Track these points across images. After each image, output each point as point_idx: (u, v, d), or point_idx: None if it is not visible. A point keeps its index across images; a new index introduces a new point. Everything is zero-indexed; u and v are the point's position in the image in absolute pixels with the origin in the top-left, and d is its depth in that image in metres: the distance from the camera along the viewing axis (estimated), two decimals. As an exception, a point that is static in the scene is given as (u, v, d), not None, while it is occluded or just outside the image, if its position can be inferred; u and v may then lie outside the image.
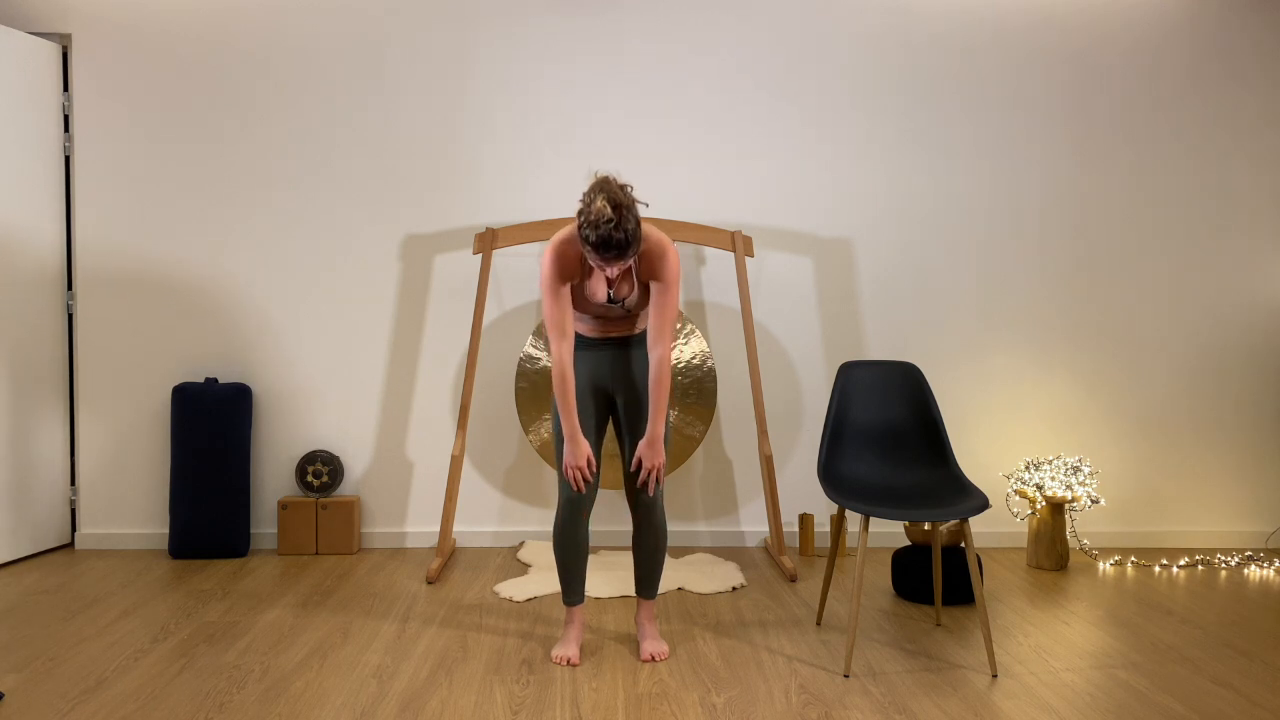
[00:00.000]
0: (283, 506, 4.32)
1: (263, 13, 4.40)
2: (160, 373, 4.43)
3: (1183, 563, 4.29)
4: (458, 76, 4.45)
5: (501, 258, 4.48)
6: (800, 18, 4.49)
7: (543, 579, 3.92)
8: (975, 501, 3.02)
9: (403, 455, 4.50)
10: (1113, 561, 4.31)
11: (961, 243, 4.55)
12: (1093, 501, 4.18)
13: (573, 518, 3.04)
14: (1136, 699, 2.82)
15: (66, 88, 4.41)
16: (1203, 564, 4.29)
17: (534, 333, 4.26)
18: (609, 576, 3.96)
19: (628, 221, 2.76)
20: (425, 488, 4.51)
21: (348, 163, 4.44)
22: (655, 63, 4.48)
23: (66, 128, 4.41)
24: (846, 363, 3.44)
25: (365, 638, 3.28)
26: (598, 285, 2.99)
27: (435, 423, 4.50)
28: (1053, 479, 4.16)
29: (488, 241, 4.14)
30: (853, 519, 4.80)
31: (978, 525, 4.55)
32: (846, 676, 2.96)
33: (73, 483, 4.47)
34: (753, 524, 4.56)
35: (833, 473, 3.29)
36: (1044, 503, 4.16)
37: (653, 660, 3.08)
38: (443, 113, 4.45)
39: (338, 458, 4.41)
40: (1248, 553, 4.48)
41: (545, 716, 2.66)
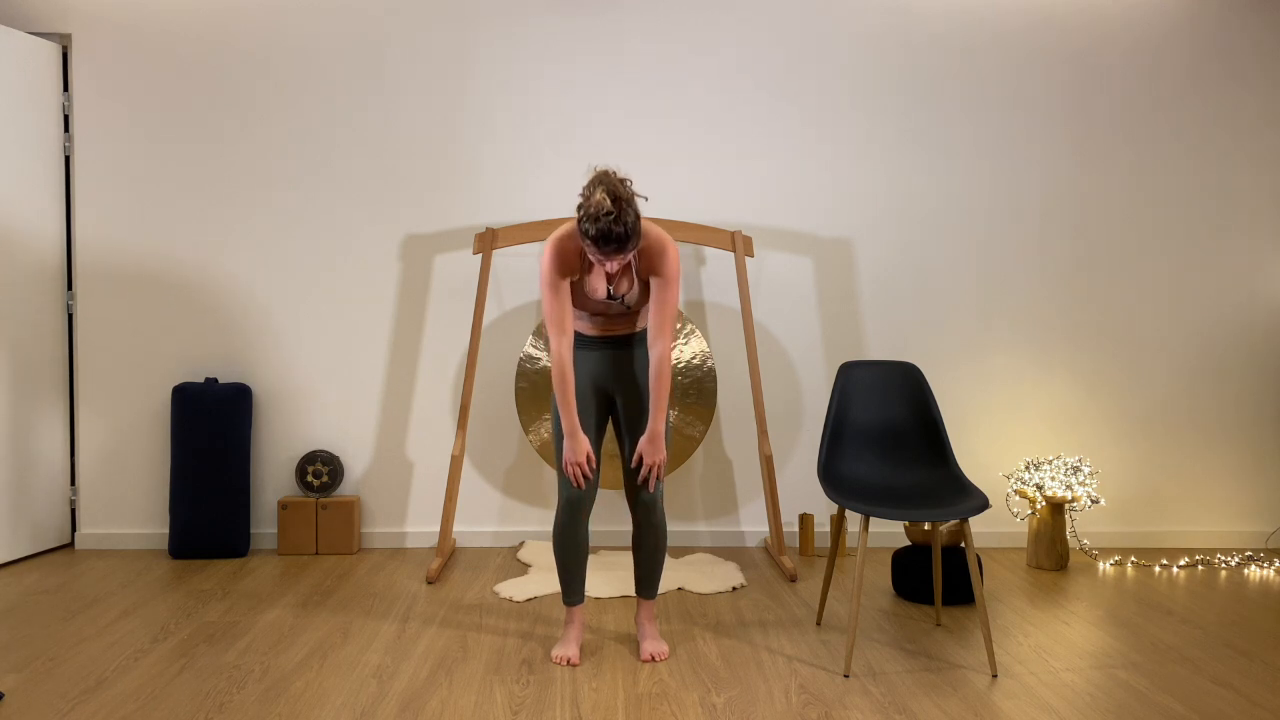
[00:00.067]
0: (283, 506, 4.32)
1: (263, 13, 4.40)
2: (160, 373, 4.43)
3: (1183, 563, 4.29)
4: (458, 76, 4.45)
5: (501, 258, 4.48)
6: (800, 18, 4.49)
7: (543, 579, 3.92)
8: (975, 501, 3.02)
9: (403, 455, 4.50)
10: (1113, 561, 4.31)
11: (961, 243, 4.55)
12: (1093, 501, 4.18)
13: (573, 518, 3.04)
14: (1136, 699, 2.82)
15: (66, 88, 4.41)
16: (1203, 564, 4.29)
17: (534, 333, 4.26)
18: (609, 576, 3.96)
19: (627, 215, 2.75)
20: (425, 488, 4.51)
21: (348, 163, 4.44)
22: (655, 63, 4.48)
23: (66, 128, 4.41)
24: (846, 363, 3.44)
25: (365, 638, 3.28)
26: (598, 281, 2.98)
27: (435, 423, 4.50)
28: (1053, 479, 4.16)
29: (488, 241, 4.14)
30: (853, 519, 4.80)
31: (978, 525, 4.55)
32: (846, 676, 2.96)
33: (73, 482, 4.47)
34: (753, 524, 4.56)
35: (833, 473, 3.29)
36: (1044, 503, 4.16)
37: (653, 660, 3.07)
38: (443, 113, 4.45)
39: (338, 458, 4.42)
40: (1248, 553, 4.48)
41: (545, 716, 2.66)
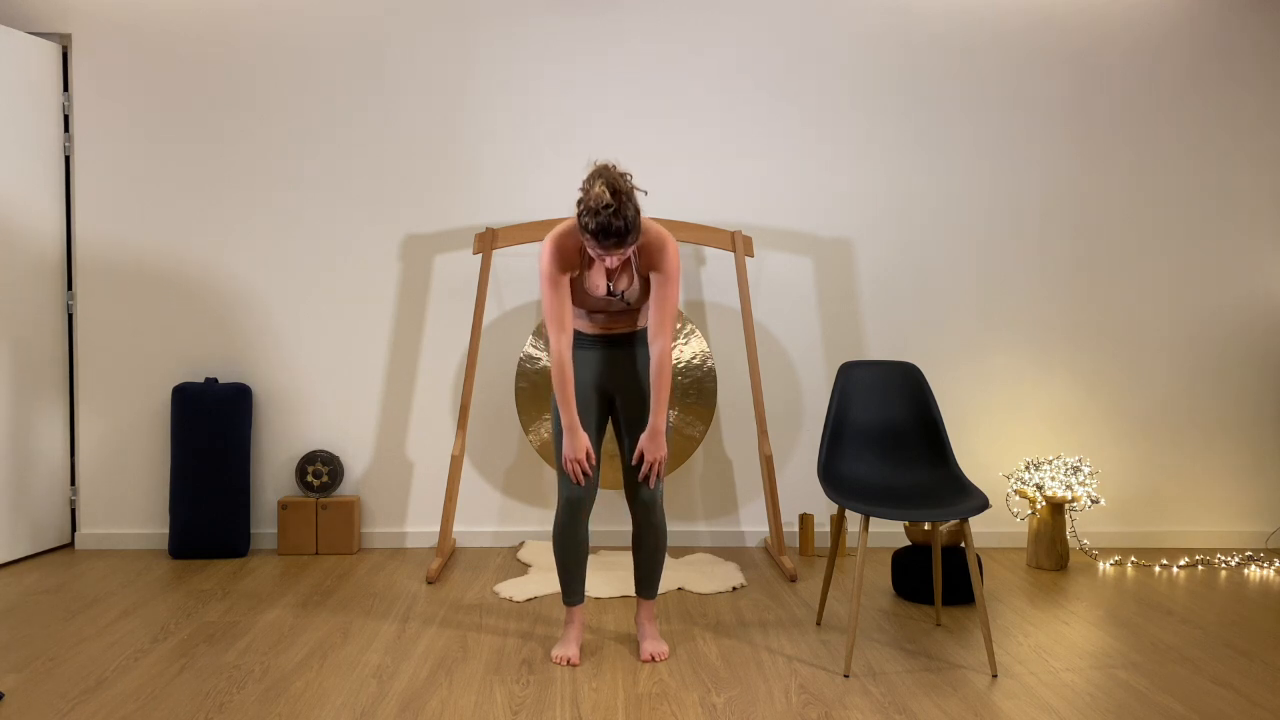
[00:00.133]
0: (283, 506, 4.32)
1: (263, 13, 4.40)
2: (160, 372, 4.43)
3: (1183, 563, 4.29)
4: (458, 76, 4.45)
5: (501, 258, 4.48)
6: (800, 18, 4.49)
7: (543, 579, 3.92)
8: (975, 501, 3.02)
9: (403, 455, 4.50)
10: (1113, 561, 4.31)
11: (961, 243, 4.55)
12: (1093, 501, 4.18)
13: (573, 518, 3.04)
14: (1136, 699, 2.82)
15: (66, 87, 4.41)
16: (1203, 564, 4.29)
17: (534, 332, 4.26)
18: (609, 576, 3.96)
19: (627, 209, 2.75)
20: (425, 488, 4.51)
21: (348, 163, 4.44)
22: (655, 63, 4.48)
23: (66, 127, 4.41)
24: (846, 363, 3.44)
25: (365, 638, 3.28)
26: (597, 278, 2.98)
27: (435, 423, 4.50)
28: (1053, 479, 4.16)
29: (488, 241, 4.14)
30: (853, 519, 4.80)
31: (978, 525, 4.55)
32: (846, 676, 2.96)
33: (73, 482, 4.47)
34: (753, 524, 4.56)
35: (833, 473, 3.29)
36: (1044, 503, 4.15)
37: (653, 660, 3.07)
38: (443, 113, 4.45)
39: (338, 458, 4.41)
40: (1248, 553, 4.48)
41: (545, 716, 2.66)
